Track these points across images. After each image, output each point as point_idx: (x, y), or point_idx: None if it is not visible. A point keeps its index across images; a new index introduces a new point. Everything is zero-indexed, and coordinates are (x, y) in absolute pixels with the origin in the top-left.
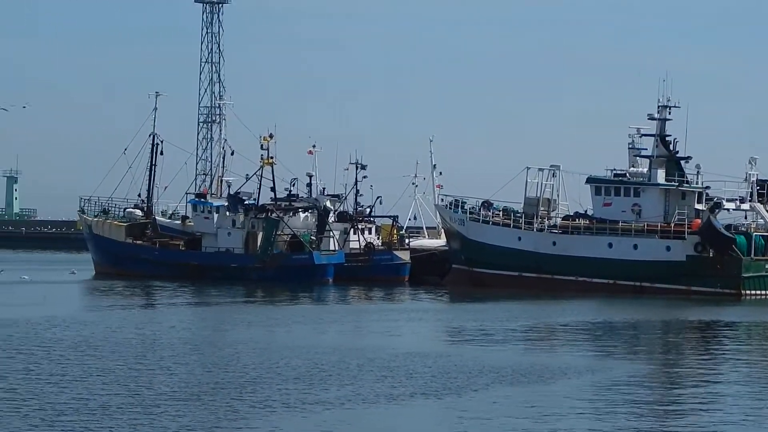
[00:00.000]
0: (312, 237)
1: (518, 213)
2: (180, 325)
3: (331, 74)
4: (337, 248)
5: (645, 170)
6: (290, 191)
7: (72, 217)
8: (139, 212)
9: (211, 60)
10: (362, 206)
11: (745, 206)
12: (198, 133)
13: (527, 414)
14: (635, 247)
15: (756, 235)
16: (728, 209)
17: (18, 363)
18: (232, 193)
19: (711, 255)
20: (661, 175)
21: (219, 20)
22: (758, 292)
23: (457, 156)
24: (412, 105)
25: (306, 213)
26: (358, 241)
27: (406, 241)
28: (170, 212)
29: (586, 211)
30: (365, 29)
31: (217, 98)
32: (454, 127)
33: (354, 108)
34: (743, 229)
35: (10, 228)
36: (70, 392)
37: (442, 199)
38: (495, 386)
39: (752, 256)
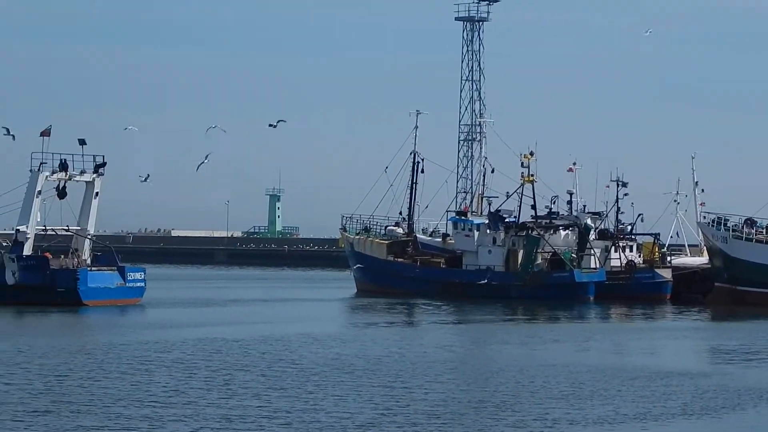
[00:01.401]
0: (573, 255)
1: None
2: (439, 343)
3: (589, 92)
4: (598, 266)
5: None
6: (551, 209)
7: (334, 234)
8: (400, 230)
9: (472, 78)
10: (623, 224)
11: None
12: (458, 151)
13: None
14: None
15: None
16: None
17: (271, 380)
18: (492, 210)
19: None
20: None
21: (479, 38)
22: None
23: (720, 173)
24: (674, 121)
25: (567, 231)
26: (620, 258)
27: (668, 258)
28: (431, 230)
29: None
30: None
31: (478, 116)
32: (718, 144)
33: (613, 125)
34: None
35: (273, 246)
36: (324, 409)
37: (705, 217)
38: (756, 408)
39: None
